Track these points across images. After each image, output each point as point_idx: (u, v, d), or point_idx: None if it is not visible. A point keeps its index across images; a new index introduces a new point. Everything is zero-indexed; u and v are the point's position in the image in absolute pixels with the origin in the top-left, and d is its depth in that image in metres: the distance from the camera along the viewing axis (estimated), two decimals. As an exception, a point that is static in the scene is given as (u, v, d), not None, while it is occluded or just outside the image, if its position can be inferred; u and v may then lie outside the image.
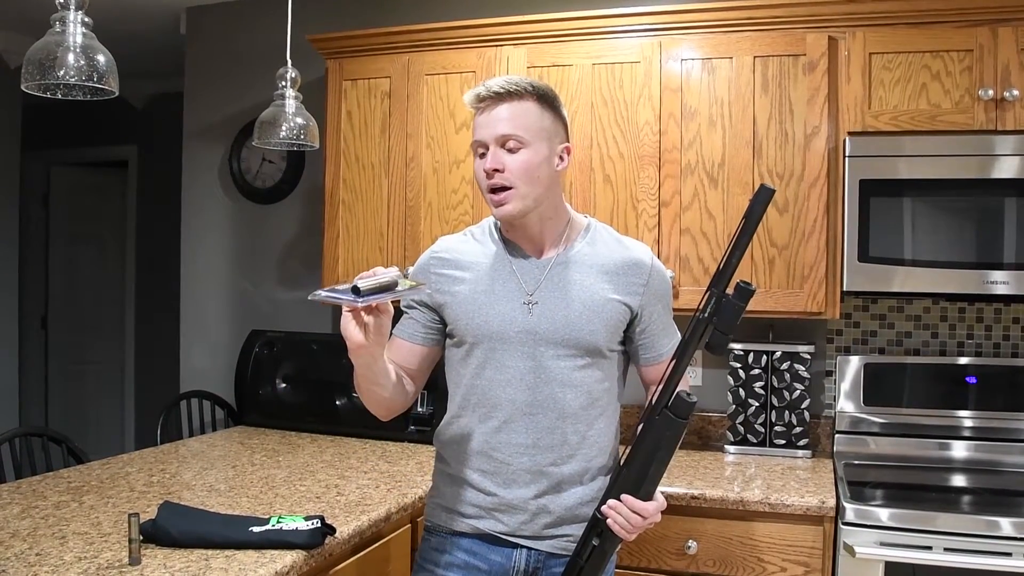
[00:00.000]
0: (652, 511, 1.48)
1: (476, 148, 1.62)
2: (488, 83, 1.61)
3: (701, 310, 1.40)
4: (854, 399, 2.66)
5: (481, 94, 1.60)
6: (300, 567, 1.64)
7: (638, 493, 1.46)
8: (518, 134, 1.57)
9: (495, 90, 1.59)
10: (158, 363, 5.05)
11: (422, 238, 2.81)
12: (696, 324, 1.40)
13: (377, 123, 2.91)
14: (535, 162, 1.59)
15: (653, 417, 1.43)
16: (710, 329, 1.39)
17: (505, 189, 1.58)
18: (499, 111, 1.58)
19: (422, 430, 2.79)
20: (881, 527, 2.08)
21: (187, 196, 3.69)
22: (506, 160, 1.58)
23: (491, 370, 1.63)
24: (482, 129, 1.60)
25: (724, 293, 1.39)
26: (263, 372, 3.16)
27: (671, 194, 2.58)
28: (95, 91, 1.68)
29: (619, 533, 1.47)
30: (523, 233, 1.66)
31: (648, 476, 1.45)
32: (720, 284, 1.40)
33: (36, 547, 1.64)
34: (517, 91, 1.59)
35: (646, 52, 2.61)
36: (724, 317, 1.38)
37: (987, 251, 2.31)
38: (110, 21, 2.47)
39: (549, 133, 1.62)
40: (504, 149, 1.58)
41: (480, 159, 1.61)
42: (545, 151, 1.60)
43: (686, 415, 1.41)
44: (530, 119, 1.59)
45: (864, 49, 2.42)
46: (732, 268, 1.39)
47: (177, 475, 2.33)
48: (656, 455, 1.43)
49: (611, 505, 1.47)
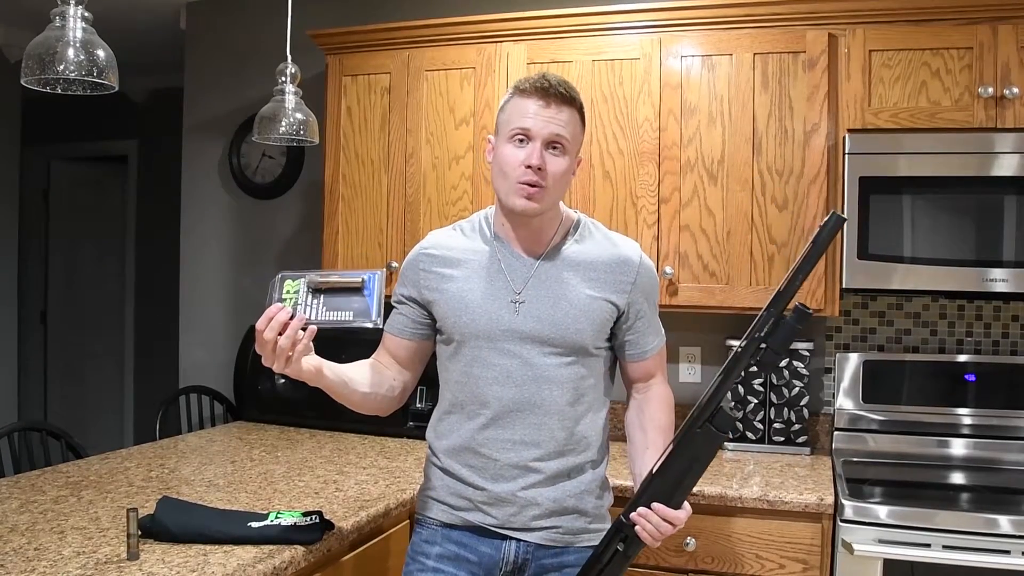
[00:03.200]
0: (683, 519, 1.48)
1: (517, 133, 1.58)
2: (548, 78, 1.59)
3: (758, 329, 1.40)
4: (853, 396, 2.66)
5: (546, 87, 1.57)
6: (299, 562, 1.64)
7: (671, 502, 1.46)
8: (566, 140, 1.59)
9: (560, 90, 1.58)
10: (157, 358, 5.06)
11: (421, 234, 2.78)
12: (750, 342, 1.40)
13: (377, 119, 2.90)
14: (567, 170, 1.62)
15: (694, 429, 1.43)
16: (763, 347, 1.40)
17: (539, 186, 1.58)
18: (558, 111, 1.58)
19: (420, 426, 2.78)
20: (880, 524, 2.08)
21: (187, 191, 3.69)
22: (549, 160, 1.58)
23: (478, 367, 1.64)
24: (536, 121, 1.57)
25: (782, 315, 1.40)
26: (262, 367, 3.10)
27: (671, 191, 2.58)
28: (95, 86, 1.67)
29: (646, 540, 1.47)
30: (521, 230, 1.66)
31: (683, 487, 1.45)
32: (779, 305, 1.39)
33: (35, 542, 1.64)
34: (573, 99, 1.60)
35: (646, 49, 2.60)
36: (779, 337, 1.39)
37: (986, 249, 2.31)
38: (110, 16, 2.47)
39: (579, 145, 1.65)
40: (549, 149, 1.58)
41: (517, 146, 1.58)
42: (572, 162, 1.63)
43: (727, 429, 1.42)
44: (576, 128, 1.62)
45: (864, 46, 2.42)
46: (794, 290, 1.39)
47: (176, 470, 2.33)
48: (693, 467, 1.44)
49: (641, 513, 1.46)
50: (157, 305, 5.10)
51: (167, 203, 4.53)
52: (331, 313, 1.41)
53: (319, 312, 1.39)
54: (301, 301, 1.39)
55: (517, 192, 1.58)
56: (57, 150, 5.47)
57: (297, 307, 1.41)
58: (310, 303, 1.40)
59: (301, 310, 1.42)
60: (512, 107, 1.60)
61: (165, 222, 4.67)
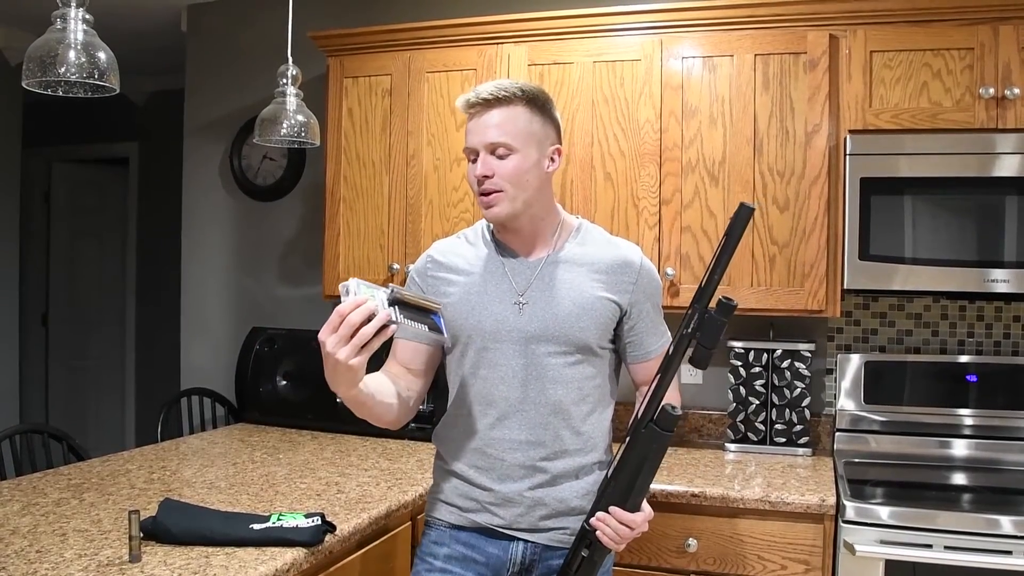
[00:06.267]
0: (640, 522, 1.50)
1: (468, 154, 1.65)
2: (478, 89, 1.63)
3: (684, 326, 1.43)
4: (855, 397, 2.66)
5: (471, 100, 1.62)
6: (300, 564, 1.64)
7: (626, 505, 1.47)
8: (506, 141, 1.60)
9: (484, 96, 1.61)
10: (159, 360, 5.06)
11: (423, 236, 2.81)
12: (680, 340, 1.43)
13: (378, 121, 2.90)
14: (524, 167, 1.61)
15: (639, 430, 1.45)
16: (693, 344, 1.42)
17: (494, 192, 1.61)
18: (488, 118, 1.61)
19: (423, 427, 2.79)
20: (881, 525, 2.08)
21: (188, 193, 3.69)
22: (495, 166, 1.60)
23: (485, 369, 1.65)
24: (472, 136, 1.63)
25: (707, 309, 1.42)
26: (264, 369, 3.16)
27: (672, 192, 2.58)
28: (96, 88, 1.68)
29: (608, 544, 1.49)
30: (515, 234, 1.69)
31: (635, 488, 1.47)
32: (703, 300, 1.42)
33: (36, 544, 1.64)
34: (506, 96, 1.60)
35: (647, 50, 2.60)
36: (707, 332, 1.41)
37: (988, 249, 2.31)
38: (111, 18, 2.47)
39: (539, 137, 1.64)
40: (494, 155, 1.61)
41: (472, 164, 1.64)
42: (535, 155, 1.63)
43: (671, 428, 1.43)
44: (519, 125, 1.61)
45: (865, 47, 2.42)
46: (714, 285, 1.42)
47: (177, 472, 2.33)
48: (643, 467, 1.46)
49: (600, 517, 1.48)
50: (158, 307, 5.10)
51: (168, 205, 4.53)
52: (408, 323, 1.43)
53: (398, 317, 1.41)
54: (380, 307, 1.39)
55: (481, 204, 1.64)
56: (58, 152, 5.47)
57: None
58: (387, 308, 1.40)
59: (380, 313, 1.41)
60: (465, 130, 1.66)
61: (166, 224, 4.67)
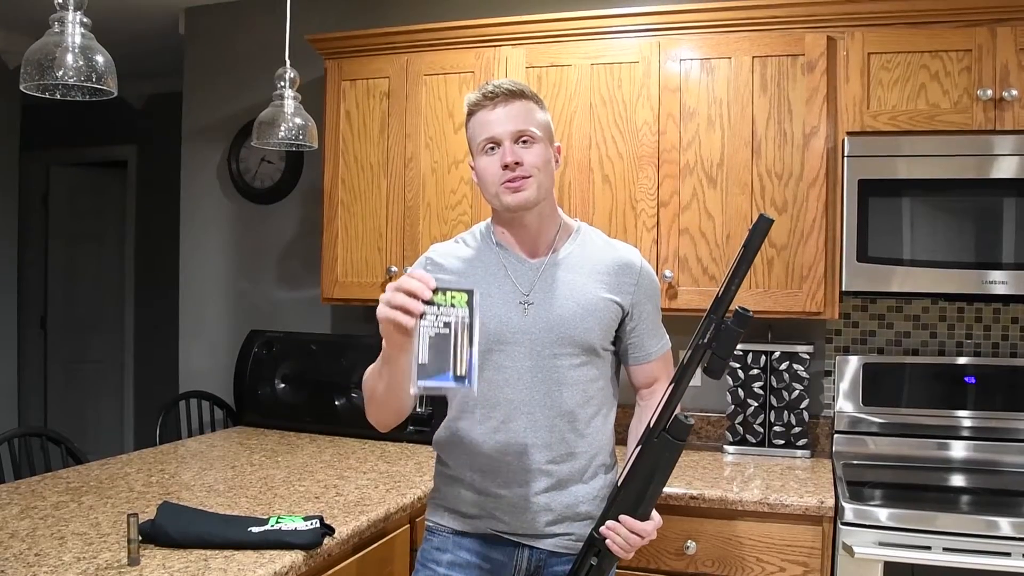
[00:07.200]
0: (650, 530, 1.49)
1: (485, 144, 1.62)
2: (495, 83, 1.64)
3: (700, 336, 1.42)
4: (853, 399, 2.66)
5: (492, 91, 1.62)
6: (299, 567, 1.64)
7: (636, 513, 1.47)
8: (531, 129, 1.62)
9: (506, 88, 1.62)
10: (157, 363, 5.05)
11: (421, 238, 2.81)
12: (695, 349, 1.42)
13: (376, 123, 2.91)
14: (546, 156, 1.64)
15: (651, 439, 1.44)
16: (708, 354, 1.41)
17: (523, 178, 1.60)
18: (511, 108, 1.61)
19: (421, 430, 2.79)
20: (880, 527, 2.08)
21: (186, 196, 3.69)
22: (521, 153, 1.60)
23: (489, 371, 1.63)
24: (495, 126, 1.61)
25: (723, 319, 1.41)
26: (262, 372, 3.16)
27: (670, 194, 2.58)
28: (94, 91, 1.68)
29: (618, 553, 1.49)
30: (520, 232, 1.68)
31: (647, 497, 1.46)
32: (719, 310, 1.41)
33: (35, 547, 1.64)
34: (521, 91, 1.64)
35: (645, 52, 2.61)
36: (723, 343, 1.40)
37: (986, 251, 2.32)
38: (109, 21, 2.47)
39: (549, 133, 1.67)
40: (518, 144, 1.61)
41: (490, 155, 1.62)
42: (549, 149, 1.66)
43: (684, 437, 1.43)
44: (536, 116, 1.64)
45: (863, 49, 2.42)
46: (731, 295, 1.41)
47: (176, 475, 2.32)
48: (654, 476, 1.45)
49: (610, 526, 1.48)
50: (157, 310, 5.10)
51: (166, 208, 4.52)
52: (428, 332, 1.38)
53: (427, 321, 1.38)
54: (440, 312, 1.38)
55: (507, 191, 1.61)
56: (56, 155, 5.47)
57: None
58: (435, 313, 1.39)
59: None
60: (473, 124, 1.65)
61: (164, 227, 4.67)
